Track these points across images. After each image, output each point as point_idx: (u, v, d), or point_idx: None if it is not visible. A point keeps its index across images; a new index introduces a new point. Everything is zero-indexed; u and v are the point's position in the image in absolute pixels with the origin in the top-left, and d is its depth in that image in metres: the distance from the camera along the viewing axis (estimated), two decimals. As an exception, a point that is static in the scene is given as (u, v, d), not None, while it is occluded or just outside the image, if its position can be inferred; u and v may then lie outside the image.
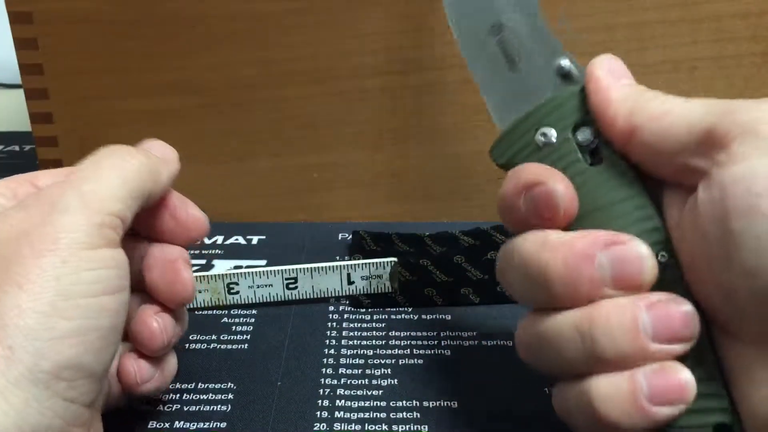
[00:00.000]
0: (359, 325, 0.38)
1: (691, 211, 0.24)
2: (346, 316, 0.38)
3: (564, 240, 0.25)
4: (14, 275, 0.23)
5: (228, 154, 0.44)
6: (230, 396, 0.33)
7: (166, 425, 0.31)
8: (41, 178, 0.29)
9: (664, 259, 0.24)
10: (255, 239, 0.45)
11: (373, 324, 0.38)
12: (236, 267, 0.42)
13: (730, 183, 0.22)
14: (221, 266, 0.42)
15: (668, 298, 0.24)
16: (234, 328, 0.37)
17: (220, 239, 0.44)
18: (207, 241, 0.44)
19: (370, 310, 0.39)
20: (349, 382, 0.34)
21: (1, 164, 0.54)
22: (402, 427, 0.31)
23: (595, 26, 0.41)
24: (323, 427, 0.31)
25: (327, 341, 0.36)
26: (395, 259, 0.39)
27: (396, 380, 0.34)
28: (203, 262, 0.42)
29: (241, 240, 0.45)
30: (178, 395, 0.33)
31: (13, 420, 0.21)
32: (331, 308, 0.39)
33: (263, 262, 0.42)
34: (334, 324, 0.38)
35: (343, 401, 0.33)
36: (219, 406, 0.32)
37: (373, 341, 0.36)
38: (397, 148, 0.45)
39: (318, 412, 0.32)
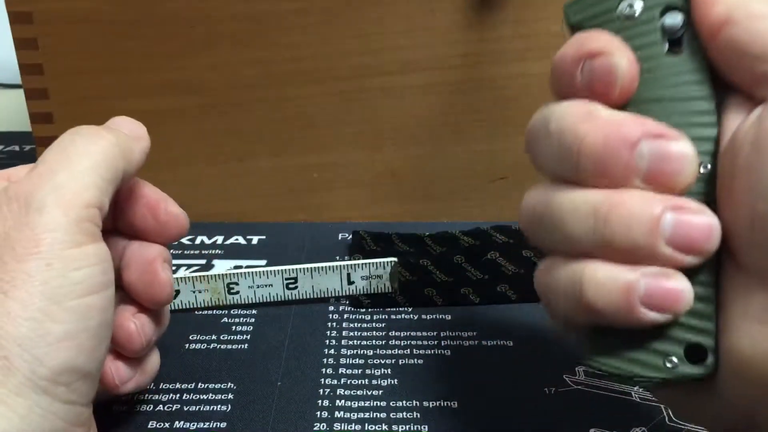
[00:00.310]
0: (359, 325, 0.38)
1: (751, 126, 0.22)
2: (346, 316, 0.38)
3: (611, 117, 0.23)
4: (2, 283, 0.22)
5: (228, 154, 0.44)
6: (230, 396, 0.33)
7: (166, 425, 0.31)
8: (14, 175, 0.28)
9: (705, 170, 0.23)
10: (255, 239, 0.45)
11: (373, 324, 0.38)
12: (236, 267, 0.42)
13: None
14: (221, 266, 0.42)
15: (697, 208, 0.22)
16: (234, 328, 0.37)
17: (220, 239, 0.44)
18: (207, 241, 0.44)
19: (370, 310, 0.39)
20: (349, 382, 0.34)
21: (1, 164, 0.54)
22: (402, 427, 0.31)
23: (595, 26, 0.41)
24: (323, 427, 0.31)
25: (327, 341, 0.36)
26: (395, 259, 0.39)
27: (396, 380, 0.34)
28: (203, 262, 0.42)
29: (241, 240, 0.45)
30: (178, 395, 0.33)
31: (17, 427, 0.21)
32: (331, 308, 0.39)
33: (263, 262, 0.42)
34: (334, 324, 0.38)
35: (343, 401, 0.33)
36: (219, 406, 0.32)
37: (373, 341, 0.36)
38: (397, 148, 0.45)
39: (318, 412, 0.32)
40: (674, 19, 0.24)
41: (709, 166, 0.23)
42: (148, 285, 0.28)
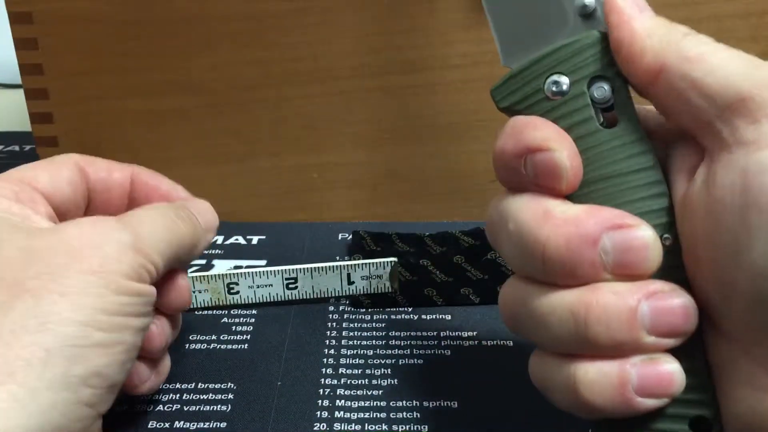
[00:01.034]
0: (359, 325, 0.38)
1: (703, 186, 0.22)
2: (346, 316, 0.38)
3: (568, 216, 0.23)
4: (59, 285, 0.24)
5: (228, 154, 0.44)
6: (230, 396, 0.33)
7: (166, 425, 0.31)
8: (39, 179, 0.30)
9: (668, 242, 0.23)
10: (255, 239, 0.45)
11: (373, 324, 0.38)
12: (236, 267, 0.42)
13: (755, 171, 0.20)
14: (221, 266, 0.42)
15: (670, 289, 0.22)
16: (234, 328, 0.37)
17: (220, 239, 0.44)
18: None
19: (370, 310, 0.39)
20: (349, 382, 0.34)
21: (1, 164, 0.54)
22: (402, 427, 0.31)
23: (595, 26, 0.41)
24: (323, 427, 0.31)
25: (327, 341, 0.36)
26: (395, 259, 0.39)
27: (396, 380, 0.34)
28: (203, 262, 0.42)
29: (241, 240, 0.45)
30: (178, 395, 0.33)
31: (37, 421, 0.22)
32: (331, 308, 0.39)
33: (263, 262, 0.42)
34: (334, 324, 0.38)
35: (343, 401, 0.33)
36: (219, 406, 0.32)
37: (373, 341, 0.36)
38: (397, 148, 0.45)
39: (318, 412, 0.32)
40: (602, 90, 0.24)
41: (669, 236, 0.23)
42: (168, 291, 0.30)
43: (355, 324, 0.38)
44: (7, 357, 0.22)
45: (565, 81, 0.24)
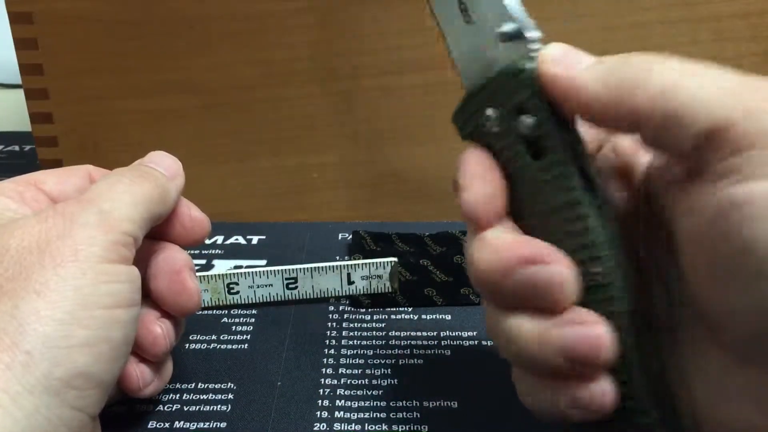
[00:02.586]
0: (359, 325, 0.38)
1: (691, 211, 0.21)
2: (346, 316, 0.38)
3: (495, 243, 0.24)
4: (33, 283, 0.23)
5: (228, 154, 0.44)
6: (230, 396, 0.33)
7: (166, 425, 0.31)
8: (47, 182, 0.30)
9: (599, 277, 0.23)
10: (255, 239, 0.45)
11: (373, 324, 0.38)
12: (236, 267, 0.42)
13: (727, 206, 0.19)
14: (221, 266, 0.42)
15: (583, 320, 0.23)
16: (234, 328, 0.37)
17: (220, 239, 0.44)
18: (207, 241, 0.44)
19: (370, 310, 0.39)
20: (349, 382, 0.34)
21: (1, 164, 0.54)
22: (402, 427, 0.31)
23: (595, 26, 0.41)
24: (323, 427, 0.31)
25: (327, 341, 0.36)
26: (395, 259, 0.39)
27: (396, 380, 0.34)
28: (203, 262, 0.42)
29: (241, 240, 0.45)
30: (178, 395, 0.33)
31: (21, 427, 0.22)
32: (331, 308, 0.39)
33: (263, 262, 0.42)
34: (334, 324, 0.38)
35: (343, 401, 0.33)
36: (219, 406, 0.32)
37: (373, 341, 0.36)
38: (397, 148, 0.45)
39: (318, 412, 0.32)
40: (528, 121, 0.23)
41: (599, 270, 0.23)
42: (177, 294, 0.30)
43: (355, 324, 0.38)
44: None
45: (493, 115, 0.24)
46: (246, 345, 0.36)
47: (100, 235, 0.25)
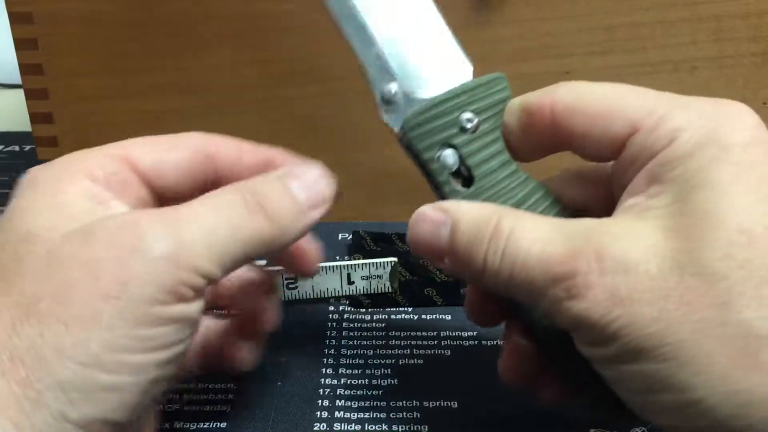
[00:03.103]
0: (359, 325, 0.38)
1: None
2: (346, 316, 0.38)
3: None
4: (66, 311, 0.21)
5: (228, 154, 0.44)
6: (230, 396, 0.33)
7: (166, 425, 0.31)
8: (143, 158, 0.26)
9: None
10: (255, 239, 0.45)
11: (373, 324, 0.38)
12: (236, 267, 0.42)
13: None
14: (221, 266, 0.42)
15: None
16: (234, 328, 0.37)
17: (220, 239, 0.44)
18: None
19: (370, 310, 0.39)
20: (349, 382, 0.34)
21: (1, 164, 0.54)
22: (402, 427, 0.31)
23: (595, 26, 0.41)
24: (323, 427, 0.31)
25: (327, 341, 0.36)
26: (395, 259, 0.39)
27: (396, 380, 0.34)
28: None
29: (241, 240, 0.44)
30: (178, 395, 0.33)
31: None
32: (331, 308, 0.39)
33: (263, 262, 0.42)
34: (334, 324, 0.38)
35: (343, 401, 0.33)
36: (219, 406, 0.32)
37: (373, 341, 0.36)
38: (397, 148, 0.45)
39: (318, 412, 0.32)
40: (450, 157, 0.26)
41: None
42: (301, 255, 0.30)
43: (355, 324, 0.38)
44: (2, 388, 0.20)
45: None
46: (246, 345, 0.36)
47: (167, 269, 0.21)
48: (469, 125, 0.26)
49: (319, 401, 0.32)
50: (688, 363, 0.20)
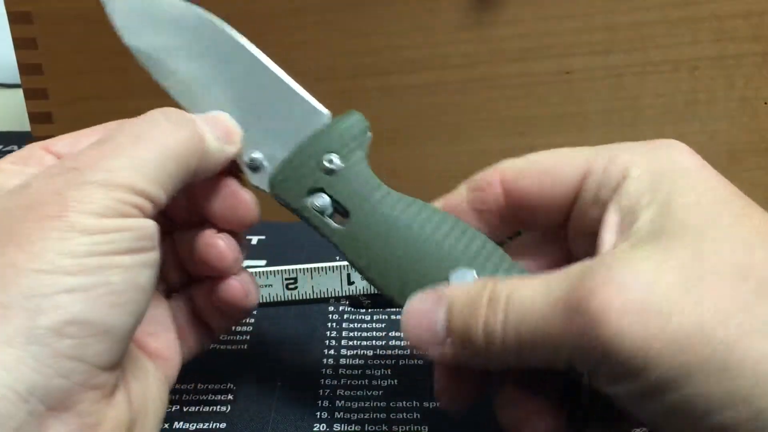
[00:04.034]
0: (359, 325, 0.38)
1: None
2: (346, 316, 0.38)
3: None
4: (15, 237, 0.22)
5: (228, 154, 0.44)
6: (230, 396, 0.33)
7: (166, 425, 0.31)
8: (56, 144, 0.28)
9: None
10: (255, 239, 0.45)
11: (373, 324, 0.38)
12: (236, 267, 0.42)
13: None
14: (221, 266, 0.42)
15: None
16: (234, 328, 0.37)
17: (220, 239, 0.44)
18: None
19: (370, 310, 0.39)
20: (349, 382, 0.34)
21: (1, 164, 0.54)
22: (402, 427, 0.31)
23: (595, 26, 0.41)
24: (323, 427, 0.31)
25: (327, 341, 0.36)
26: (395, 259, 0.39)
27: (396, 380, 0.34)
28: (203, 262, 0.42)
29: (241, 240, 0.44)
30: (178, 395, 0.33)
31: (3, 380, 0.20)
32: (331, 308, 0.39)
33: (263, 262, 0.42)
34: (334, 324, 0.38)
35: (343, 401, 0.32)
36: (219, 406, 0.32)
37: (373, 341, 0.36)
38: (397, 148, 0.45)
39: (318, 412, 0.32)
40: (320, 199, 0.28)
41: None
42: (233, 208, 0.29)
43: (355, 324, 0.38)
44: None
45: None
46: (246, 345, 0.36)
47: (101, 192, 0.23)
48: (333, 165, 0.27)
49: (319, 401, 0.32)
50: (744, 374, 0.20)
